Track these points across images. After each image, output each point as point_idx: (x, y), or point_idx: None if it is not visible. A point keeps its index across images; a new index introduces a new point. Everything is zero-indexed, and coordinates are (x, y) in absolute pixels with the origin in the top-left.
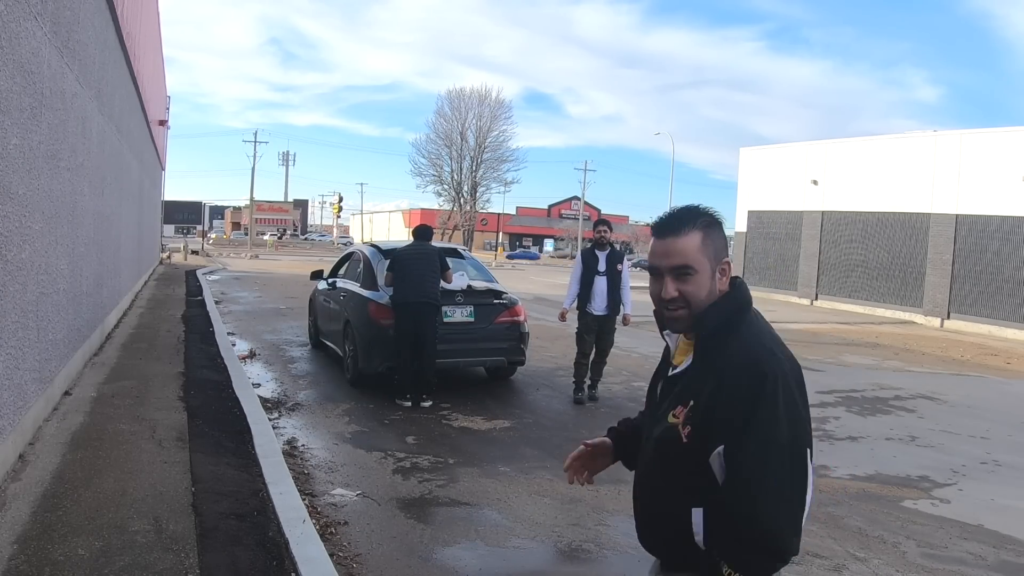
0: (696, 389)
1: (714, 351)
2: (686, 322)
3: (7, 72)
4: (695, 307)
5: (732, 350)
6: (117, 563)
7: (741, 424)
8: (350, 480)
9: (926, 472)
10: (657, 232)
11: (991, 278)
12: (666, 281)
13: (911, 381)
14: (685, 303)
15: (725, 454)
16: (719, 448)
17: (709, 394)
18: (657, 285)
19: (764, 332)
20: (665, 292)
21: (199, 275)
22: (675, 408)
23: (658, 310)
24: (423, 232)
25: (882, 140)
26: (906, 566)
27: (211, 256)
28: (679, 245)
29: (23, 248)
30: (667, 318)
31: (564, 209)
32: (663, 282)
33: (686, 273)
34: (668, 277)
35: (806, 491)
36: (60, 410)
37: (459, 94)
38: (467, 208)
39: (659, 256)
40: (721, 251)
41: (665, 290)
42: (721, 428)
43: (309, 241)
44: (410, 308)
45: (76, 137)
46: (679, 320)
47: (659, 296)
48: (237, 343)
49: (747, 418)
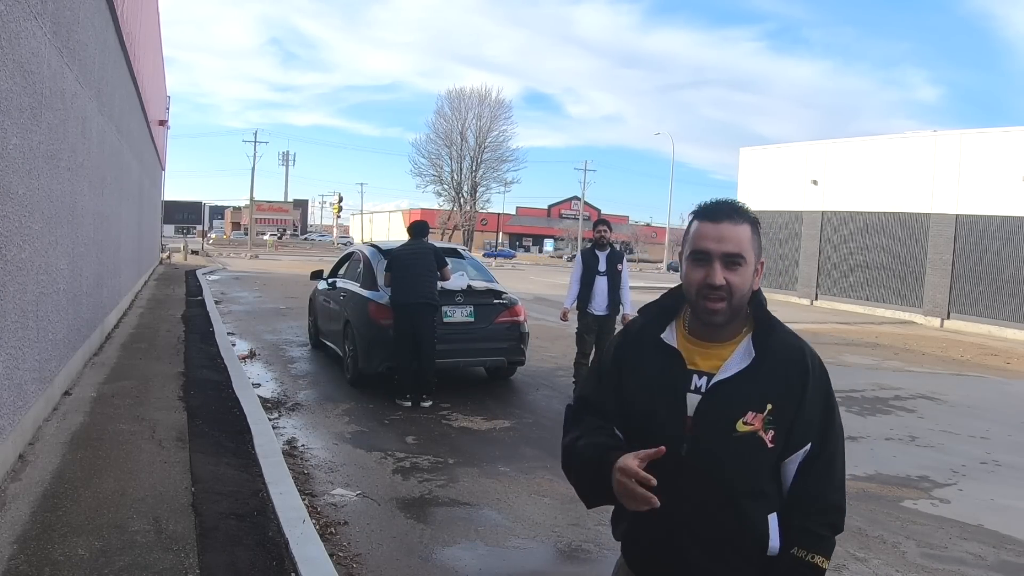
0: (768, 392)
1: (773, 349)
2: (725, 314)
3: (7, 72)
4: (737, 300)
5: (799, 348)
6: (117, 563)
7: (822, 420)
8: (350, 480)
9: (926, 472)
10: (711, 216)
11: (991, 278)
12: (715, 266)
13: (911, 381)
14: (729, 294)
15: (811, 451)
16: (806, 447)
17: (791, 394)
18: (700, 271)
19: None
20: (714, 278)
21: (199, 275)
22: (743, 415)
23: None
24: (418, 229)
25: (882, 140)
26: (906, 566)
27: (211, 256)
28: (736, 232)
29: (23, 248)
30: (705, 307)
31: (564, 209)
32: (710, 268)
33: (737, 263)
34: (718, 263)
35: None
36: (60, 410)
37: (459, 94)
38: (467, 208)
39: (712, 240)
40: (760, 251)
41: (713, 275)
42: (809, 426)
43: (309, 241)
44: (408, 309)
45: (76, 137)
46: (718, 312)
47: (702, 282)
48: (237, 343)
49: (827, 412)
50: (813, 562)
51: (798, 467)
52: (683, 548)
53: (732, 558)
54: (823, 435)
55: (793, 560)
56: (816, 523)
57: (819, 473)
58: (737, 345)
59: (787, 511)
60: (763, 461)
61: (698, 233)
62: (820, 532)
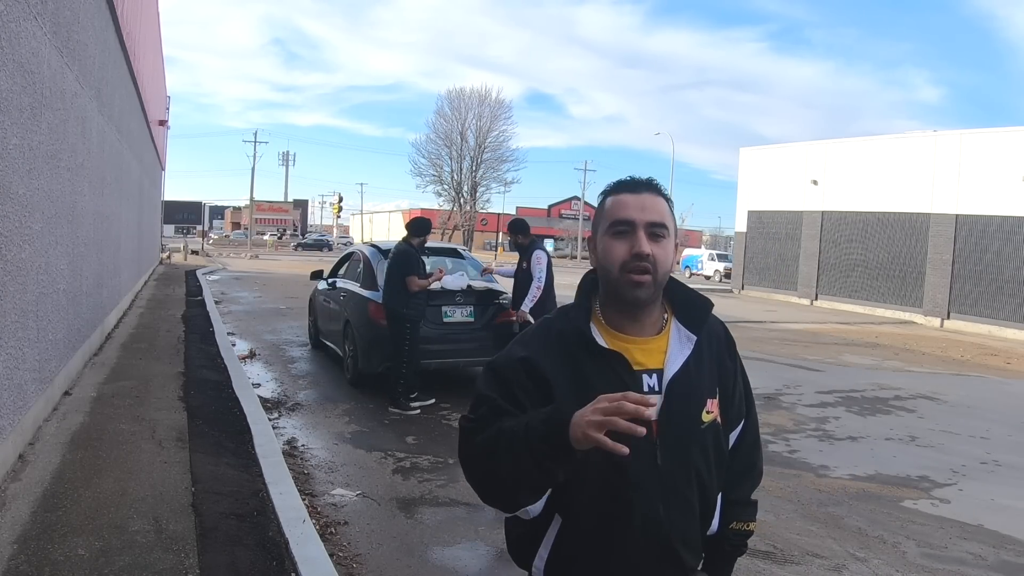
0: (713, 376)
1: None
2: (650, 291)
3: (7, 72)
4: (660, 276)
5: (715, 325)
6: (117, 563)
7: (745, 388)
8: (350, 480)
9: (926, 472)
10: (631, 188)
11: (991, 278)
12: (640, 235)
13: (911, 381)
14: (654, 267)
15: (746, 422)
16: (743, 420)
17: (728, 371)
18: (623, 244)
19: None
20: (640, 246)
21: (199, 275)
22: (705, 405)
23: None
24: (409, 227)
25: (882, 140)
26: (906, 566)
27: (211, 256)
28: (657, 203)
29: (23, 248)
30: (630, 281)
31: (564, 209)
32: (634, 237)
33: (660, 235)
34: (643, 232)
35: None
36: (60, 410)
37: (459, 94)
38: (467, 208)
39: (634, 209)
40: (676, 231)
41: (640, 244)
42: (742, 399)
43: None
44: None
45: (76, 137)
46: (643, 287)
47: (627, 254)
48: (237, 343)
49: (746, 380)
50: (748, 529)
51: (735, 442)
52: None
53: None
54: (749, 404)
55: (735, 533)
56: (748, 492)
57: (751, 443)
58: (668, 334)
59: (726, 487)
60: (721, 445)
61: (617, 203)
62: (750, 499)
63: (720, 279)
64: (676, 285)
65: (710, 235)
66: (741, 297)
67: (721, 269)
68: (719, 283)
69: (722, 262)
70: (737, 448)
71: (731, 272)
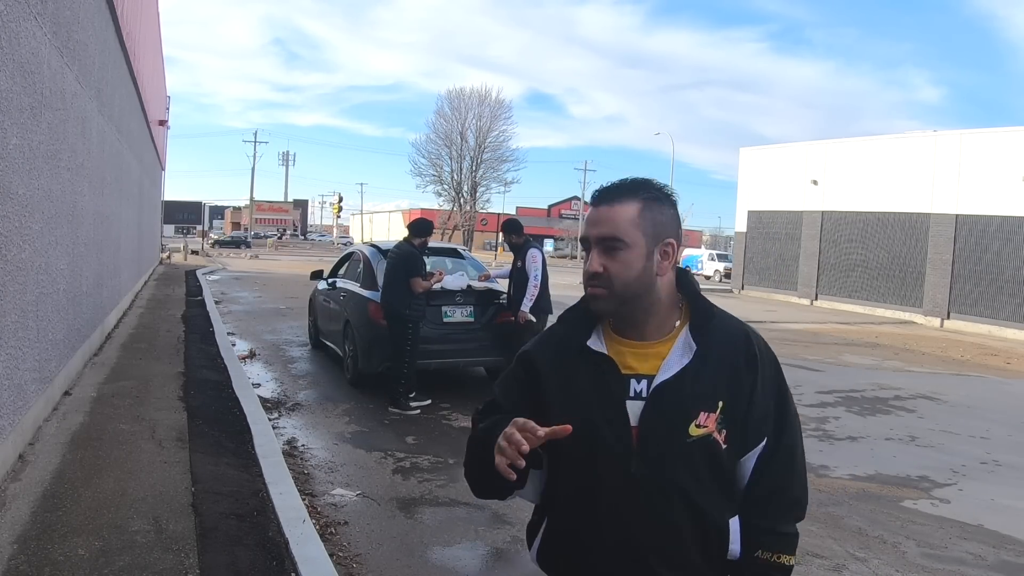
0: (718, 387)
1: (715, 339)
2: (608, 304)
3: (7, 72)
4: (619, 286)
5: (743, 332)
6: (117, 563)
7: (776, 410)
8: (350, 480)
9: (926, 472)
10: (593, 200)
11: (991, 278)
12: (592, 254)
13: (911, 381)
14: (608, 282)
15: (767, 445)
16: (762, 442)
17: (741, 387)
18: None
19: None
20: (589, 265)
21: (199, 275)
22: (696, 417)
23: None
24: (412, 228)
25: (882, 140)
26: (906, 566)
27: (211, 256)
28: (613, 213)
29: (23, 248)
30: (588, 295)
31: (564, 209)
32: (589, 255)
33: (613, 247)
34: (595, 249)
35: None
36: (60, 410)
37: (459, 94)
38: (467, 208)
39: (589, 225)
40: (664, 229)
41: (589, 263)
42: (764, 420)
43: (309, 241)
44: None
45: (76, 137)
46: (599, 300)
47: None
48: (237, 343)
49: (781, 401)
50: (779, 562)
51: (755, 464)
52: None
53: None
54: (779, 427)
55: (759, 563)
56: (779, 521)
57: (778, 468)
58: (674, 341)
59: (747, 511)
60: (720, 464)
61: (586, 218)
62: (783, 530)
63: (720, 279)
64: (690, 292)
65: (710, 235)
66: (741, 297)
67: (721, 269)
68: (719, 283)
69: (722, 262)
70: (760, 470)
71: (731, 272)
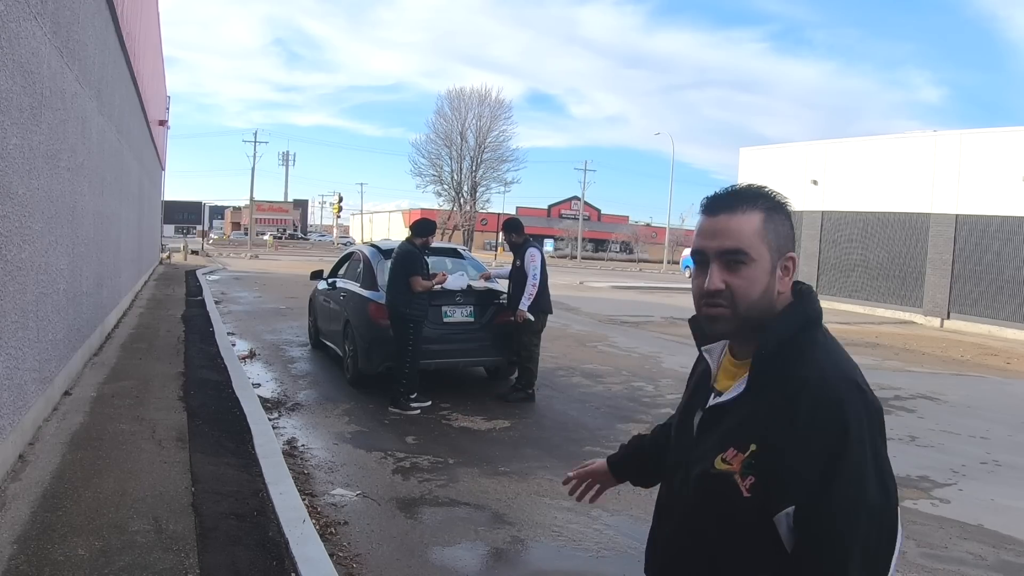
0: (755, 428)
1: (778, 378)
2: (729, 325)
3: (7, 72)
4: (743, 306)
5: (803, 379)
6: (117, 563)
7: (819, 479)
8: (350, 480)
9: (926, 472)
10: (708, 208)
11: (991, 278)
12: (712, 269)
13: (911, 381)
14: (731, 300)
15: (797, 517)
16: (789, 508)
17: (776, 436)
18: (699, 276)
19: (842, 357)
20: (710, 283)
21: (199, 275)
22: (725, 451)
23: (697, 310)
24: (414, 227)
25: (882, 140)
26: (906, 566)
27: (211, 256)
28: (733, 224)
29: (23, 248)
30: (705, 316)
31: (564, 209)
32: (707, 270)
33: (739, 260)
34: (714, 264)
35: (892, 559)
36: (60, 410)
37: (459, 94)
38: (467, 208)
39: (706, 237)
40: (786, 243)
41: (710, 280)
42: (793, 483)
43: (309, 241)
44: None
45: (76, 137)
46: (719, 321)
47: (700, 289)
48: (237, 343)
49: (828, 473)
50: None
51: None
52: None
53: None
54: (816, 497)
55: None
56: None
57: (801, 550)
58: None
59: None
60: (737, 512)
61: (696, 229)
62: None
63: None
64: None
65: None
66: None
67: None
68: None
69: None
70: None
71: None
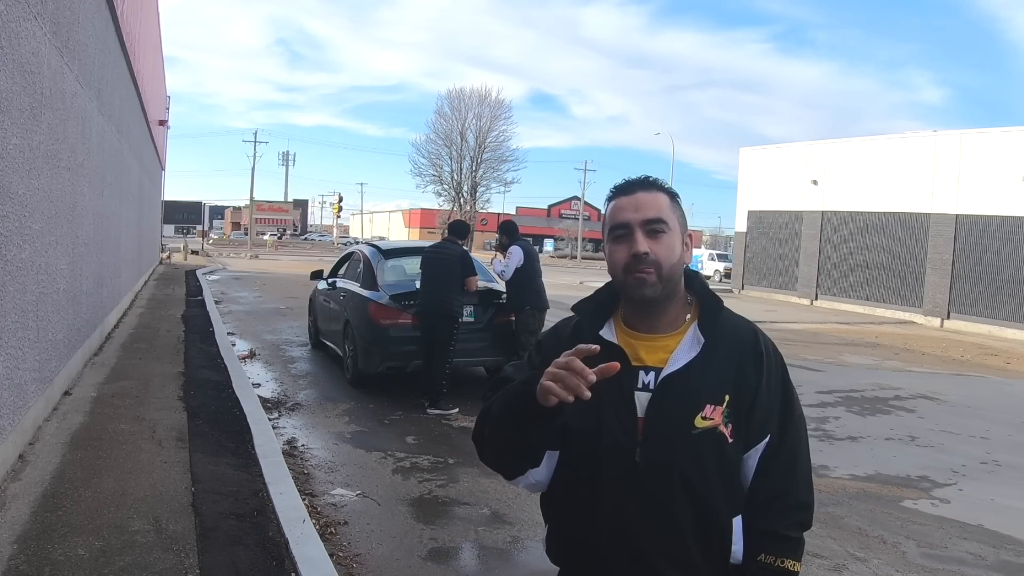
0: (723, 381)
1: (723, 333)
2: (655, 289)
3: (7, 72)
4: (666, 270)
5: (750, 330)
6: (117, 563)
7: (779, 407)
8: (350, 480)
9: (926, 472)
10: (624, 190)
11: (991, 278)
12: (637, 235)
13: (911, 381)
14: (656, 265)
15: (770, 443)
16: (765, 439)
17: (747, 382)
18: (623, 247)
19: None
20: (637, 246)
21: (199, 275)
22: (701, 410)
23: (621, 280)
24: (454, 229)
25: (882, 140)
26: (906, 566)
27: (211, 256)
28: (651, 199)
29: (23, 248)
30: (634, 280)
31: (564, 209)
32: (632, 239)
33: (659, 230)
34: (639, 232)
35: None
36: (60, 410)
37: (459, 94)
38: (467, 208)
39: (629, 210)
40: (685, 223)
41: (636, 244)
42: (768, 418)
43: (309, 241)
44: (427, 318)
45: (76, 137)
46: (647, 285)
47: (627, 255)
48: (237, 343)
49: (785, 400)
50: (783, 567)
51: (758, 463)
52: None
53: (697, 569)
54: (783, 425)
55: (762, 568)
56: (782, 524)
57: (782, 468)
58: (683, 335)
59: (749, 513)
60: (725, 459)
61: (614, 208)
62: (788, 533)
63: (720, 279)
64: (698, 285)
65: (710, 235)
66: (741, 297)
67: (721, 269)
68: (719, 283)
69: (722, 262)
70: (763, 471)
71: (731, 272)
